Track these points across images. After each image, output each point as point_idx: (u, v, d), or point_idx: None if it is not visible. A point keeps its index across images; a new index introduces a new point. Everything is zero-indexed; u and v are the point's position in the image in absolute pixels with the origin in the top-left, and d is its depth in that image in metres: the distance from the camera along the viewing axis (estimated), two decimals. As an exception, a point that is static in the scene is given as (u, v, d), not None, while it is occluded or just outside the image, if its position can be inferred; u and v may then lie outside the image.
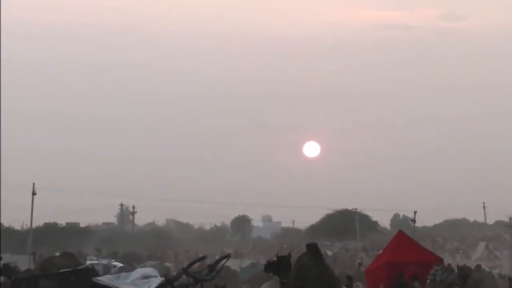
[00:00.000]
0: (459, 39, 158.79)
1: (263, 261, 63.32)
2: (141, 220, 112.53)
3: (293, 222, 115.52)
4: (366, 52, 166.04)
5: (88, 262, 27.70)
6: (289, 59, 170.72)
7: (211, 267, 15.54)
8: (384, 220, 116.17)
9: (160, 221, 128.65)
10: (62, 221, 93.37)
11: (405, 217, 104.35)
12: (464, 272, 19.04)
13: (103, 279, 15.05)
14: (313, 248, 15.27)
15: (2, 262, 24.86)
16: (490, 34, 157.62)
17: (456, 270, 20.11)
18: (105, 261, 49.73)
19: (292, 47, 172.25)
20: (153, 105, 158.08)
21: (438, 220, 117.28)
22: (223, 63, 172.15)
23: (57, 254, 22.79)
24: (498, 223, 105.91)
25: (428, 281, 19.96)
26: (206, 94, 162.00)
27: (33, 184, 70.05)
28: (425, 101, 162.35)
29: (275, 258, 16.61)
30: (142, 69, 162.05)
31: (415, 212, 77.98)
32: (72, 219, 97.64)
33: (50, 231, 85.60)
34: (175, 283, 15.21)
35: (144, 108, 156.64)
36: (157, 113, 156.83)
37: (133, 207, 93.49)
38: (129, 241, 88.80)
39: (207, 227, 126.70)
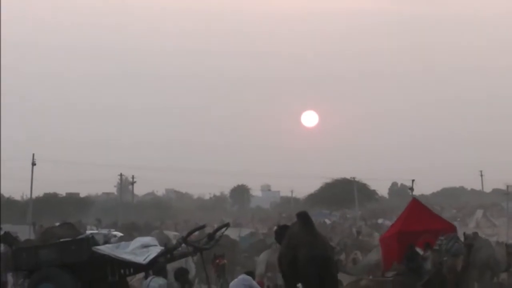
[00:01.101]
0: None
1: (262, 231, 63.69)
2: (140, 190, 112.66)
3: (292, 192, 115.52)
4: (360, 19, 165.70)
5: (88, 232, 27.80)
6: (289, 28, 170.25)
7: (210, 236, 15.74)
8: (382, 189, 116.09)
9: (160, 191, 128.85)
10: (62, 191, 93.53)
11: (403, 186, 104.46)
12: (469, 241, 18.93)
13: (103, 248, 15.23)
14: (303, 217, 15.31)
15: (3, 231, 24.99)
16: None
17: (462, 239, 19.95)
18: (105, 231, 49.80)
19: (291, 14, 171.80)
20: (152, 83, 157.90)
21: (436, 188, 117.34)
22: (222, 36, 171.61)
23: (57, 224, 22.97)
24: (495, 191, 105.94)
25: (432, 251, 19.87)
26: (205, 65, 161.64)
27: (33, 154, 70.19)
28: (421, 69, 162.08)
29: (275, 228, 16.78)
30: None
31: (413, 181, 78.25)
32: (72, 189, 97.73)
33: (50, 201, 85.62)
34: (175, 252, 15.39)
35: (145, 86, 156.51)
36: (156, 87, 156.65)
37: (133, 177, 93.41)
38: (129, 211, 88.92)
39: (206, 197, 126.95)
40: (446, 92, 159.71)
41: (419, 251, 20.33)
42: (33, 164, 69.71)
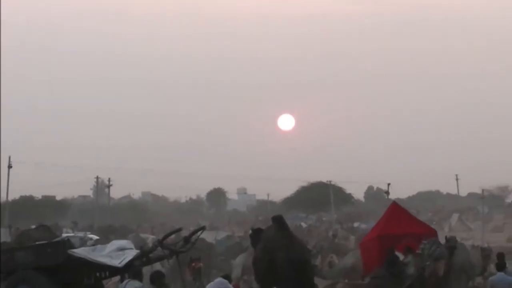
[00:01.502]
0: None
1: (238, 234, 63.73)
2: (117, 193, 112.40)
3: (268, 195, 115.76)
4: (337, 22, 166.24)
5: (64, 235, 27.73)
6: (264, 32, 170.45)
7: (186, 239, 15.74)
8: (358, 192, 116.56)
9: (136, 194, 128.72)
10: (38, 194, 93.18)
11: (379, 189, 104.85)
12: (450, 244, 18.84)
13: (79, 251, 15.19)
14: (278, 220, 15.36)
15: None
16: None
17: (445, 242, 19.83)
18: (81, 234, 49.66)
19: (268, 18, 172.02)
20: (129, 87, 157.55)
21: (412, 192, 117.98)
22: (198, 38, 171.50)
23: (33, 227, 22.87)
24: (471, 195, 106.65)
25: (415, 255, 19.71)
26: (181, 64, 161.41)
27: (9, 157, 69.85)
28: (398, 74, 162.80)
29: (250, 231, 16.80)
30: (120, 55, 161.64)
31: (388, 184, 78.60)
32: (48, 192, 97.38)
33: (26, 204, 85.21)
34: (151, 255, 15.39)
35: (122, 89, 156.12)
36: (133, 91, 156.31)
37: (109, 180, 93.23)
38: (105, 214, 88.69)
39: (183, 200, 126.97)
40: (422, 97, 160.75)
41: (399, 255, 20.23)
42: (9, 166, 69.39)
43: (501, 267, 17.36)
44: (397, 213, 22.66)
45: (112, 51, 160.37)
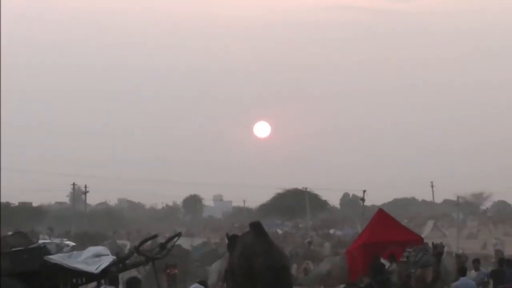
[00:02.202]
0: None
1: (214, 240, 63.78)
2: (93, 199, 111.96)
3: (244, 202, 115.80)
4: (315, 31, 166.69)
5: (41, 241, 27.68)
6: (241, 40, 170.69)
7: (162, 246, 15.81)
8: (333, 199, 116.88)
9: (112, 201, 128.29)
10: (14, 200, 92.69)
11: (354, 196, 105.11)
12: (438, 250, 18.47)
13: (55, 257, 15.22)
14: (256, 227, 15.47)
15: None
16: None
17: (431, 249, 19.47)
18: (57, 240, 49.53)
19: (243, 26, 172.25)
20: (105, 97, 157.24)
21: (387, 199, 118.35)
22: (174, 41, 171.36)
23: (9, 233, 22.84)
24: (446, 202, 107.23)
25: (398, 263, 19.43)
26: (158, 73, 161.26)
27: (-15, 164, 69.53)
28: (375, 77, 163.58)
29: (226, 238, 16.88)
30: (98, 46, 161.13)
31: (364, 191, 78.74)
32: (24, 198, 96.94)
33: (2, 211, 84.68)
34: (127, 261, 15.45)
35: (95, 83, 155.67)
36: (108, 89, 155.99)
37: (85, 187, 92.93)
38: (81, 220, 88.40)
39: (159, 207, 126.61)
40: (396, 105, 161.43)
41: (385, 263, 20.03)
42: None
43: (463, 272, 17.59)
44: (383, 220, 22.43)
45: (90, 62, 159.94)
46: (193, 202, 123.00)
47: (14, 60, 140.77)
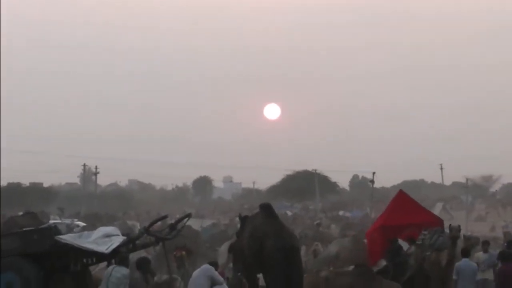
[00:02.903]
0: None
1: (223, 221, 63.92)
2: (104, 180, 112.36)
3: (254, 183, 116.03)
4: (324, 14, 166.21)
5: (51, 222, 27.76)
6: (251, 22, 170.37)
7: (172, 227, 15.85)
8: (343, 181, 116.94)
9: (123, 182, 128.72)
10: (25, 181, 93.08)
11: (364, 178, 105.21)
12: (453, 233, 18.09)
13: (66, 237, 15.26)
14: (266, 208, 15.50)
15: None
16: None
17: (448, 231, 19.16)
18: (68, 221, 49.71)
19: (254, 8, 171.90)
20: (117, 78, 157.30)
21: (397, 181, 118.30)
22: (184, 24, 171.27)
23: (20, 214, 22.96)
24: (455, 184, 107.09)
25: (416, 245, 19.20)
26: (169, 55, 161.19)
27: (-3, 144, 69.80)
28: (384, 60, 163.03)
29: (238, 218, 16.91)
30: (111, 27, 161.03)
31: (373, 173, 78.87)
32: (35, 179, 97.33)
33: (13, 191, 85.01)
34: (137, 242, 15.50)
35: (108, 68, 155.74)
36: (118, 72, 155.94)
37: (96, 168, 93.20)
38: (91, 201, 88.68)
39: (169, 188, 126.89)
40: (406, 88, 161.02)
41: (403, 245, 19.83)
42: (-3, 154, 69.23)
43: (466, 253, 17.60)
44: (403, 202, 22.11)
45: (104, 43, 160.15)
46: (203, 183, 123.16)
47: (21, 39, 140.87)
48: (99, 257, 15.32)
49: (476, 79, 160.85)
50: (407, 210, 21.37)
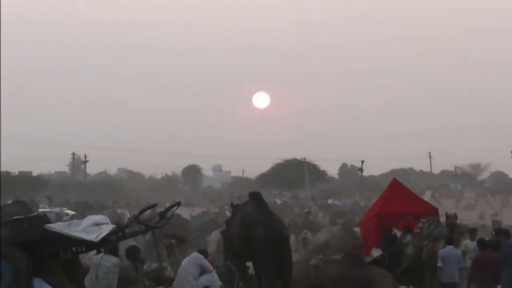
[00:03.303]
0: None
1: (213, 210, 63.92)
2: (93, 169, 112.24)
3: (243, 172, 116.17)
4: (314, 9, 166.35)
5: (40, 210, 27.72)
6: (240, 13, 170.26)
7: (162, 215, 15.86)
8: (332, 169, 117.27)
9: (112, 171, 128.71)
10: (14, 170, 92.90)
11: (352, 167, 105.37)
12: (450, 221, 18.19)
13: (55, 226, 15.26)
14: (256, 196, 15.53)
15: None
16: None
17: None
18: (57, 209, 49.71)
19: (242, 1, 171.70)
20: (106, 55, 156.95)
21: (385, 169, 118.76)
22: (176, 16, 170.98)
23: (9, 202, 22.93)
24: (444, 173, 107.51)
25: (413, 234, 19.10)
26: (158, 45, 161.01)
27: (-16, 133, 69.57)
28: (373, 51, 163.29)
29: (230, 206, 16.94)
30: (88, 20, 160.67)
31: (362, 162, 79.02)
32: (24, 168, 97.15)
33: (2, 180, 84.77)
34: (126, 230, 15.52)
35: (97, 55, 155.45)
36: (108, 62, 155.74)
37: (85, 156, 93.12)
38: (81, 190, 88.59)
39: (158, 177, 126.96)
40: (395, 79, 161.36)
41: (397, 234, 19.71)
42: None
43: (450, 241, 17.68)
44: (397, 190, 22.02)
45: (95, 38, 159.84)
46: (192, 172, 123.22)
47: (15, 29, 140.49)
48: (89, 245, 15.32)
49: (464, 72, 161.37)
50: (401, 199, 21.27)
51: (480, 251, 17.29)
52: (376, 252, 20.40)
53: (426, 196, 79.31)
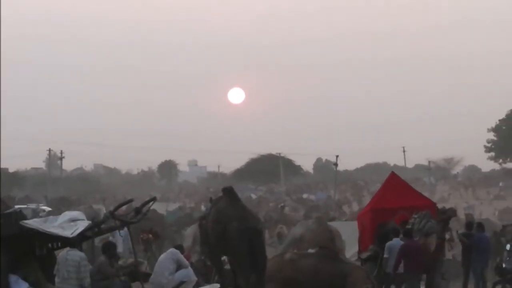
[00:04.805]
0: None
1: (189, 205, 64.05)
2: (69, 165, 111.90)
3: (219, 167, 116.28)
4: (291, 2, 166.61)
5: (17, 207, 27.70)
6: (214, 8, 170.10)
7: (137, 210, 15.97)
8: (307, 164, 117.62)
9: (88, 166, 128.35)
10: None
11: (327, 161, 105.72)
12: (443, 216, 17.72)
13: (31, 222, 15.30)
14: (229, 192, 15.72)
15: None
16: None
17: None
18: (33, 205, 49.60)
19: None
20: (80, 51, 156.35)
21: (360, 164, 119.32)
22: (150, 12, 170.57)
23: (-15, 199, 22.94)
24: (417, 167, 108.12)
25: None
26: (132, 41, 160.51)
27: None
28: (348, 45, 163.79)
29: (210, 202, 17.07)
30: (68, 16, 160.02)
31: (337, 156, 79.19)
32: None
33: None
34: (102, 226, 15.61)
35: (71, 53, 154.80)
36: (84, 59, 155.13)
37: (61, 152, 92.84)
38: (57, 186, 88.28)
39: (134, 172, 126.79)
40: (369, 74, 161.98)
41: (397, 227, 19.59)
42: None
43: (396, 233, 17.88)
44: (394, 184, 21.83)
45: (68, 36, 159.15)
46: (168, 167, 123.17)
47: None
48: (65, 241, 15.38)
49: (437, 66, 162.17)
50: (398, 193, 21.08)
51: (405, 240, 17.45)
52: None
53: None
